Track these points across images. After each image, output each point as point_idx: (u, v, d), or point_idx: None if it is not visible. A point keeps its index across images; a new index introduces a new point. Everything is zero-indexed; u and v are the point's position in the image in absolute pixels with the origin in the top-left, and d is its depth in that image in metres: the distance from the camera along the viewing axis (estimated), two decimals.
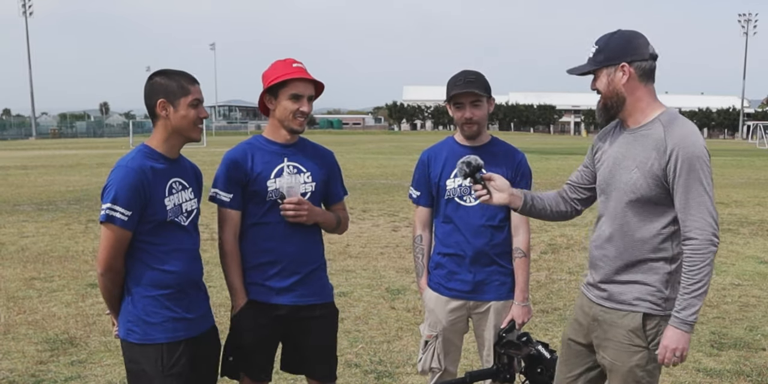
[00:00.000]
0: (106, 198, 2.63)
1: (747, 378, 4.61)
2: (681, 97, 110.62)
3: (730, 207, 13.49)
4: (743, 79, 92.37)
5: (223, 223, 3.11)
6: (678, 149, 2.50)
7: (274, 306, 3.08)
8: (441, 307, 3.37)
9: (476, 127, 3.27)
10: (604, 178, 2.73)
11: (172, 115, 2.72)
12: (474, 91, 3.19)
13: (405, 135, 79.63)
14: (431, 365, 3.38)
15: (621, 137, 2.70)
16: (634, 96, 2.62)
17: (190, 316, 2.79)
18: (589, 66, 2.65)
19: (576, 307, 2.90)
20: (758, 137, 56.52)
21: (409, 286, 7.02)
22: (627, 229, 2.63)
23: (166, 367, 2.69)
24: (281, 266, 3.07)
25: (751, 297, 6.74)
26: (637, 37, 2.63)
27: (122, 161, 2.70)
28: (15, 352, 5.10)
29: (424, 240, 3.47)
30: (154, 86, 2.74)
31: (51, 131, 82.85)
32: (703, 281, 2.48)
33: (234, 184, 3.07)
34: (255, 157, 3.09)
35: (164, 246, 2.72)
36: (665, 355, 2.53)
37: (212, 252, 8.79)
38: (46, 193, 15.87)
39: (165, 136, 2.76)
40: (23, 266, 8.02)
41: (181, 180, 2.82)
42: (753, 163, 29.30)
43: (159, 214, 2.69)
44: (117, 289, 2.74)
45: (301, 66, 3.07)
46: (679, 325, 2.51)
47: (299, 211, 3.02)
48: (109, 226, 2.63)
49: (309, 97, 3.06)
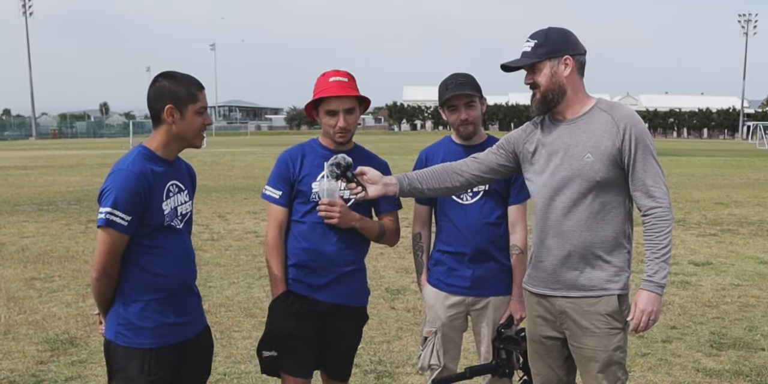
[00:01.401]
0: (106, 202, 2.56)
1: (746, 378, 4.61)
2: (681, 98, 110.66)
3: (730, 207, 13.49)
4: (743, 80, 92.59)
5: (270, 217, 3.24)
6: (630, 127, 2.64)
7: (312, 300, 3.16)
8: (440, 303, 3.40)
9: (472, 127, 3.32)
10: (551, 172, 2.74)
11: (178, 122, 2.66)
12: (466, 93, 3.25)
13: (405, 135, 79.69)
14: (430, 362, 3.40)
15: (558, 130, 2.75)
16: (573, 88, 2.71)
17: (181, 320, 2.75)
18: (531, 58, 2.69)
19: (530, 305, 2.91)
20: (758, 138, 56.56)
21: (409, 286, 7.03)
22: (589, 215, 2.67)
23: (152, 372, 2.66)
24: (318, 265, 3.15)
25: (750, 297, 6.75)
26: (572, 33, 2.75)
27: (122, 164, 2.62)
28: (15, 352, 5.10)
29: (423, 238, 3.51)
30: (161, 90, 2.66)
31: (51, 131, 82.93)
32: (669, 245, 2.62)
33: (283, 181, 3.17)
34: (306, 158, 3.19)
35: (159, 249, 2.68)
36: (641, 319, 2.59)
37: (213, 252, 8.87)
38: (46, 193, 15.89)
39: (166, 141, 2.70)
40: (23, 266, 8.02)
41: (178, 182, 2.78)
42: (753, 163, 29.30)
43: (157, 218, 2.65)
44: (111, 293, 2.69)
45: (340, 79, 3.10)
46: (653, 289, 2.60)
47: (331, 212, 3.07)
48: (108, 231, 2.56)
49: (347, 110, 3.10)
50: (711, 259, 8.49)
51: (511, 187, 3.34)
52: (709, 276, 7.59)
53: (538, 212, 2.80)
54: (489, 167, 2.93)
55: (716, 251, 8.99)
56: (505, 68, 2.77)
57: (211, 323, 5.62)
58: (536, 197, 2.82)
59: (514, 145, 2.89)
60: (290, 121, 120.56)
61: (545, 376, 2.91)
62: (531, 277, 2.88)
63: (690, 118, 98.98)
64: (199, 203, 13.78)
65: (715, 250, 9.04)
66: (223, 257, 8.57)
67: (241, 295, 6.72)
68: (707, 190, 16.38)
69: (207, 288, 6.99)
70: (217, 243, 9.51)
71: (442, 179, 2.94)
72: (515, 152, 2.89)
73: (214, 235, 10.12)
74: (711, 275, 7.58)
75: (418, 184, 2.91)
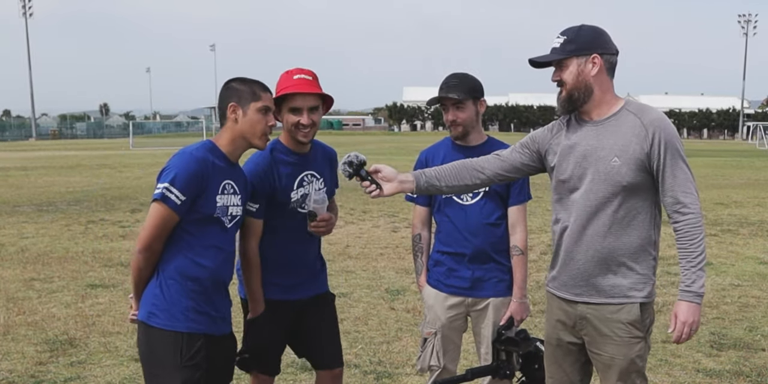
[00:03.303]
0: (165, 178, 2.65)
1: (747, 378, 4.60)
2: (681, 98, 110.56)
3: (730, 207, 13.49)
4: (743, 80, 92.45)
5: (249, 232, 3.11)
6: (659, 132, 2.56)
7: (285, 303, 3.19)
8: (440, 304, 3.40)
9: (461, 128, 3.31)
10: (572, 173, 2.68)
11: (241, 119, 2.78)
12: (451, 96, 3.24)
13: (405, 136, 79.63)
14: (430, 363, 3.39)
15: (584, 131, 2.67)
16: (601, 88, 2.63)
17: (214, 313, 2.79)
18: (559, 54, 2.63)
19: (551, 309, 2.87)
20: (758, 138, 56.55)
21: (409, 286, 7.02)
22: (613, 221, 2.61)
23: (185, 358, 2.67)
24: (290, 266, 3.19)
25: (750, 297, 6.74)
26: (604, 32, 2.67)
27: (187, 148, 2.76)
28: (14, 353, 5.09)
29: (423, 238, 3.51)
30: (228, 90, 2.81)
31: (51, 132, 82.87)
32: (704, 253, 2.56)
33: (260, 195, 3.10)
34: (278, 170, 3.14)
35: (205, 240, 2.74)
36: (683, 331, 2.54)
37: None
38: (46, 194, 15.87)
39: (231, 139, 2.81)
40: (23, 267, 8.02)
41: (234, 184, 2.84)
42: (753, 163, 29.29)
43: (208, 208, 2.71)
44: (148, 271, 2.73)
45: (304, 77, 3.08)
46: (693, 299, 2.54)
47: (329, 226, 3.17)
48: (162, 206, 2.63)
49: (311, 109, 3.07)
50: (711, 259, 8.48)
51: (511, 188, 3.34)
52: (709, 276, 7.57)
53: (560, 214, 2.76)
54: (512, 166, 2.85)
55: (716, 251, 8.99)
56: (533, 64, 2.72)
57: None
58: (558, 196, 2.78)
59: (538, 144, 2.81)
60: None
61: (558, 380, 2.88)
62: (554, 280, 2.82)
63: (690, 118, 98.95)
64: None
65: (715, 251, 9.03)
66: None
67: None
68: (707, 191, 16.36)
69: None
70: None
71: (461, 176, 2.85)
72: (539, 152, 2.81)
73: None
74: (711, 275, 7.56)
75: (436, 181, 2.83)
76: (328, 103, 3.19)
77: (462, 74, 3.35)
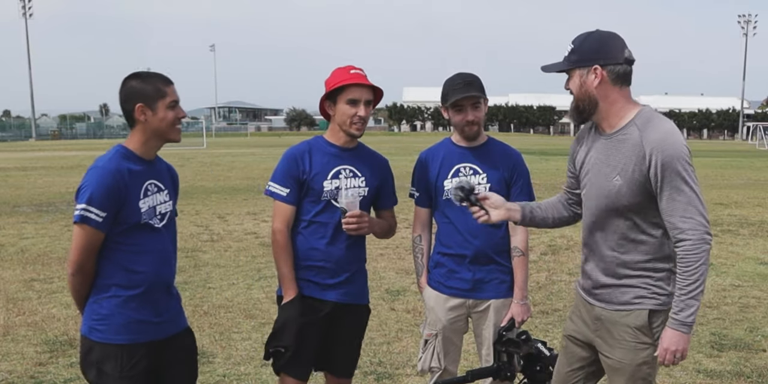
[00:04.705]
0: (81, 198, 2.60)
1: (747, 379, 4.60)
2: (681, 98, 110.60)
3: (730, 208, 13.50)
4: (743, 80, 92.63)
5: (277, 215, 3.19)
6: (656, 153, 2.44)
7: (321, 302, 3.19)
8: (441, 305, 3.38)
9: (477, 127, 3.31)
10: (583, 184, 2.72)
11: (151, 119, 2.70)
12: (473, 94, 3.23)
13: (405, 136, 79.65)
14: (431, 364, 3.38)
15: (598, 143, 2.66)
16: (607, 100, 2.56)
17: (156, 319, 2.77)
18: (562, 65, 2.61)
19: (575, 306, 2.89)
20: (758, 138, 56.56)
21: (409, 287, 7.02)
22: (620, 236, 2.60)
23: (124, 369, 2.68)
24: (329, 265, 3.19)
25: (751, 298, 6.74)
26: (613, 40, 2.56)
27: (99, 162, 2.68)
28: (14, 354, 5.09)
29: (424, 240, 3.50)
30: (130, 91, 2.71)
31: (51, 133, 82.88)
32: (699, 281, 2.45)
33: (291, 179, 3.16)
34: (314, 156, 3.18)
35: (136, 247, 2.71)
36: (665, 357, 2.52)
37: (212, 253, 8.86)
38: (45, 194, 15.88)
39: (144, 139, 2.75)
40: (23, 268, 8.02)
41: (157, 182, 2.80)
42: (753, 164, 29.30)
43: (133, 217, 2.67)
44: (86, 290, 2.73)
45: (360, 72, 3.15)
46: (678, 327, 2.48)
47: (361, 224, 3.13)
48: (83, 227, 2.61)
49: (366, 102, 3.13)
50: (711, 259, 8.44)
51: (511, 189, 3.33)
52: (709, 277, 7.54)
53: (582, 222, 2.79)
54: (574, 192, 2.88)
55: (716, 252, 8.98)
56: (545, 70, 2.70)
57: (210, 324, 5.66)
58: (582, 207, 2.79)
59: (574, 161, 2.82)
60: (290, 122, 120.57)
61: (559, 372, 2.91)
62: (581, 279, 2.84)
63: (690, 118, 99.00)
64: (198, 204, 13.78)
65: (715, 251, 9.01)
66: (222, 258, 8.56)
67: (241, 296, 6.70)
68: (707, 191, 16.35)
69: (206, 289, 6.98)
70: (217, 244, 9.50)
71: (558, 209, 2.92)
72: (577, 167, 2.81)
73: (213, 236, 10.11)
74: (711, 276, 7.57)
75: (540, 211, 2.89)
76: (375, 100, 3.23)
77: (469, 73, 3.33)
